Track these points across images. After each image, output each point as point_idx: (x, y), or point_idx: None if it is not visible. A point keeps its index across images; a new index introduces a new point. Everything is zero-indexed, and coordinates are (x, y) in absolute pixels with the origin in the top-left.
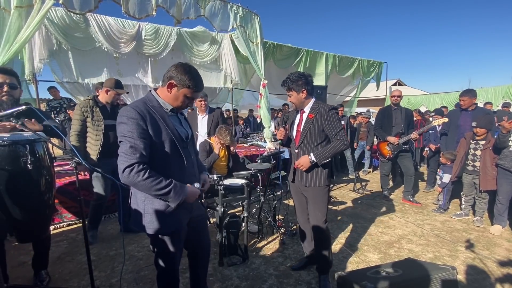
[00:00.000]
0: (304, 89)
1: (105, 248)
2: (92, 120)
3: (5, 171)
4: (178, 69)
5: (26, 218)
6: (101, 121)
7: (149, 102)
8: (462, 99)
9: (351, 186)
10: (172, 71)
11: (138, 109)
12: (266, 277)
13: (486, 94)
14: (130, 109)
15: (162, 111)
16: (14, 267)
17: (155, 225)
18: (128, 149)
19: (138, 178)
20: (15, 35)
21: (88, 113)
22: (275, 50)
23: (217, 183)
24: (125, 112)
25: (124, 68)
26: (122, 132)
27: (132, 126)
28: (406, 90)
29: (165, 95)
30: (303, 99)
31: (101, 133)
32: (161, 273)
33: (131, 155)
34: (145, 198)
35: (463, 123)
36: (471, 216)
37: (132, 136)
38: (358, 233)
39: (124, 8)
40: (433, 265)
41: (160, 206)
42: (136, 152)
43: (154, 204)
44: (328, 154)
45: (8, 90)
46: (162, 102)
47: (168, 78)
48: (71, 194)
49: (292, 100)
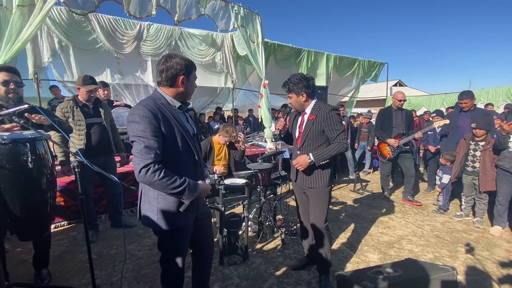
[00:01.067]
0: (304, 92)
1: (105, 247)
2: (74, 120)
3: (5, 170)
4: (172, 60)
5: (26, 217)
6: (82, 121)
7: (158, 100)
8: (464, 101)
9: (351, 187)
10: (171, 66)
11: (150, 107)
12: (266, 277)
13: (486, 95)
14: (142, 108)
15: (171, 108)
16: (15, 265)
17: (168, 220)
18: (142, 149)
19: (154, 177)
20: (17, 34)
21: (69, 113)
22: (276, 50)
23: (218, 183)
24: (136, 111)
25: (125, 68)
26: (134, 132)
27: (145, 125)
28: (407, 91)
29: (174, 92)
30: (303, 102)
31: (83, 132)
32: (167, 271)
33: (146, 155)
34: (158, 196)
35: (463, 124)
36: (471, 217)
37: (146, 136)
38: (358, 233)
39: (126, 8)
40: (433, 266)
41: (173, 203)
42: (151, 152)
43: (167, 201)
44: (326, 156)
45: (14, 87)
46: (170, 99)
47: (173, 75)
48: (72, 193)
49: (291, 102)
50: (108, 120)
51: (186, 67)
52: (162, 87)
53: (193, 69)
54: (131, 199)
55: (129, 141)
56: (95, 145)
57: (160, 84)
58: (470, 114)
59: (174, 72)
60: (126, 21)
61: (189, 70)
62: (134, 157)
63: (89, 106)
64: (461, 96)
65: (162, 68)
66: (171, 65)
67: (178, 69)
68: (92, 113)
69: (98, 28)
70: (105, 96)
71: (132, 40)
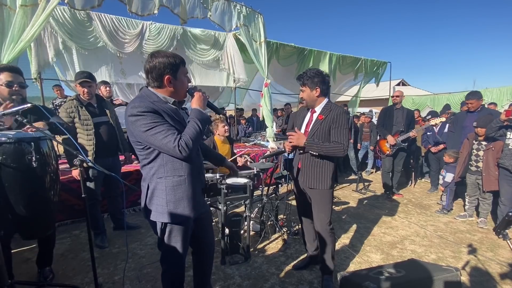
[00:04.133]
0: (319, 87)
1: (108, 245)
2: (80, 120)
3: (10, 168)
4: (155, 60)
5: (30, 215)
6: (89, 120)
7: (148, 97)
8: (470, 102)
9: (354, 187)
10: (154, 66)
11: (144, 105)
12: (268, 277)
13: (491, 95)
14: (138, 105)
15: (166, 105)
16: (18, 264)
17: (179, 211)
18: (166, 130)
19: (188, 144)
20: (20, 34)
21: (75, 113)
22: (278, 50)
23: (220, 182)
24: (134, 110)
25: (128, 67)
26: (145, 126)
27: (151, 116)
28: (410, 90)
29: (165, 92)
30: (316, 97)
31: (92, 132)
32: (167, 270)
33: (169, 137)
34: (166, 187)
35: (469, 124)
36: (475, 217)
37: (156, 124)
38: (361, 233)
39: (128, 6)
40: (436, 266)
41: (182, 193)
42: (169, 130)
43: (176, 192)
44: (319, 149)
45: (18, 89)
46: (163, 96)
47: (158, 76)
48: (76, 192)
49: (304, 96)
50: (114, 118)
51: (170, 65)
52: (151, 88)
53: (180, 65)
54: (133, 198)
55: (134, 139)
56: (105, 145)
57: (149, 86)
58: (477, 114)
59: (158, 72)
60: (128, 20)
61: (175, 68)
62: (162, 140)
63: (93, 105)
64: (467, 96)
65: (147, 69)
66: (155, 64)
67: (162, 68)
68: (98, 112)
69: (101, 27)
70: (107, 92)
71: (134, 39)
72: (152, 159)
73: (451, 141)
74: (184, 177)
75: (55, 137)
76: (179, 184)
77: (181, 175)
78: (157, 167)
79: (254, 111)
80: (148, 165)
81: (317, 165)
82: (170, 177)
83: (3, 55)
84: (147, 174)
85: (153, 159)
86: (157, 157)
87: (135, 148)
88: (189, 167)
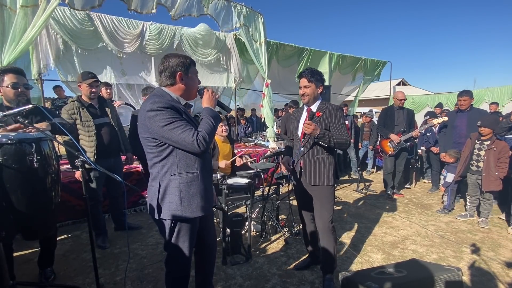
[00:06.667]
0: (322, 86)
1: (109, 246)
2: (82, 121)
3: (11, 169)
4: (169, 60)
5: (32, 216)
6: (90, 121)
7: (163, 96)
8: (463, 99)
9: (354, 186)
10: (168, 65)
11: (164, 101)
12: (269, 277)
13: (491, 94)
14: (159, 100)
15: (179, 105)
16: (19, 264)
17: (193, 207)
18: (184, 125)
19: (205, 138)
20: (20, 35)
21: (76, 115)
22: (278, 50)
23: (221, 182)
24: (154, 105)
25: (128, 68)
26: (164, 120)
27: (170, 112)
28: (410, 90)
29: (177, 90)
30: (318, 94)
31: (93, 133)
32: (174, 271)
33: (187, 132)
34: (180, 184)
35: (460, 123)
36: (476, 217)
37: (175, 120)
38: (362, 233)
39: (128, 5)
40: (437, 266)
41: (196, 190)
42: (187, 126)
43: (190, 188)
44: (331, 141)
45: (23, 90)
46: (176, 96)
47: (171, 73)
48: (77, 192)
49: (308, 91)
50: (115, 119)
51: (183, 64)
52: (164, 87)
53: (191, 65)
54: (134, 198)
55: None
56: (107, 147)
57: (162, 85)
58: (467, 114)
59: (171, 70)
60: (129, 21)
61: (187, 66)
62: (181, 135)
63: (95, 106)
64: (461, 93)
65: (161, 69)
66: (168, 64)
67: (175, 65)
68: (99, 114)
69: (101, 27)
70: (107, 94)
71: (135, 39)
72: (164, 157)
73: (442, 140)
74: (197, 173)
75: (55, 137)
76: (192, 181)
77: (194, 172)
78: (170, 164)
79: (254, 111)
80: (160, 163)
81: (318, 162)
82: (184, 174)
83: (4, 56)
84: (159, 172)
85: (165, 157)
86: (170, 154)
87: (145, 145)
88: (201, 164)
